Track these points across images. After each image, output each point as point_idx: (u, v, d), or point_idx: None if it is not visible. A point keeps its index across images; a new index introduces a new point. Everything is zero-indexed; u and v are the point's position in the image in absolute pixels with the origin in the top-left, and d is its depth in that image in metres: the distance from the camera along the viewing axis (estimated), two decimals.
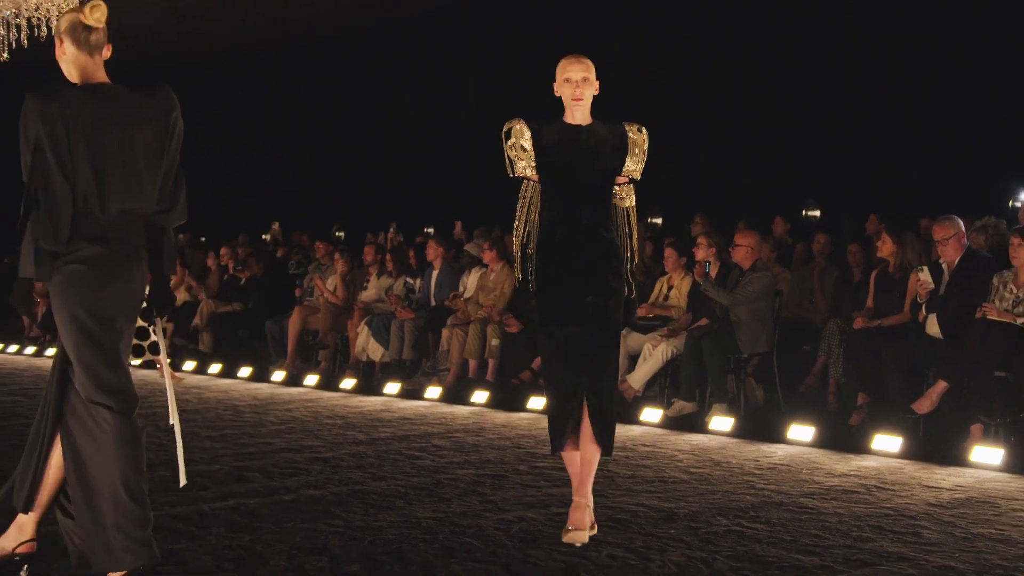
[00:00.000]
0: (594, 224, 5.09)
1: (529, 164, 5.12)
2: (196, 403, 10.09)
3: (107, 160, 4.32)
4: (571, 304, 5.06)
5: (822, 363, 9.26)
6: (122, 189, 4.37)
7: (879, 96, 12.32)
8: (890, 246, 8.98)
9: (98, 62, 4.51)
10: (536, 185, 5.16)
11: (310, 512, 5.64)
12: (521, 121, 5.15)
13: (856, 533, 5.24)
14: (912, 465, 7.04)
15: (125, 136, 4.39)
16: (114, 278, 4.35)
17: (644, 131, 5.21)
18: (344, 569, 4.61)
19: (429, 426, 8.63)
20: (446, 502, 5.89)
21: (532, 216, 5.18)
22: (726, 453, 7.47)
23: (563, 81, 5.10)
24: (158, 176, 4.50)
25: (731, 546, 4.98)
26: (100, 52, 4.51)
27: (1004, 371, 7.63)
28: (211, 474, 6.67)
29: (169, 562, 4.71)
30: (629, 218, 5.26)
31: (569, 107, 5.13)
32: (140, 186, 4.44)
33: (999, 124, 11.25)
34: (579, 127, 5.14)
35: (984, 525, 5.44)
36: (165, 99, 4.60)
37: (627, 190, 5.26)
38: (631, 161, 5.16)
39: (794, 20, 12.84)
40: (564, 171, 5.10)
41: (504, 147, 5.15)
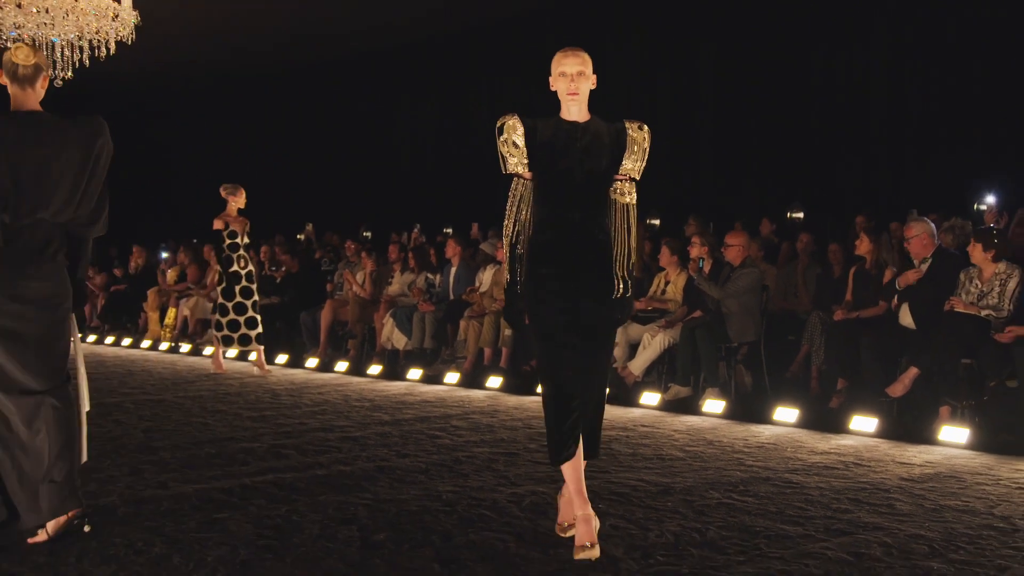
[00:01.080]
0: (586, 224, 4.50)
1: (521, 161, 4.50)
2: (238, 387, 10.11)
3: (24, 175, 4.52)
4: (562, 309, 4.49)
5: (805, 351, 9.26)
6: (34, 201, 4.56)
7: (857, 110, 12.32)
8: (867, 244, 9.05)
9: (29, 93, 4.76)
10: (527, 183, 4.55)
11: (341, 486, 5.66)
12: (515, 116, 4.53)
13: (836, 505, 5.24)
14: (886, 444, 7.03)
15: (43, 157, 4.60)
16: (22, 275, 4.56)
17: (645, 129, 4.59)
18: (372, 538, 4.63)
19: (448, 408, 8.64)
20: (464, 477, 5.90)
21: (523, 215, 4.57)
22: (718, 433, 7.46)
23: (558, 75, 4.49)
24: (77, 192, 4.67)
25: (722, 517, 4.99)
26: (32, 85, 4.77)
27: (969, 359, 7.64)
28: (252, 451, 6.69)
29: (214, 530, 4.76)
30: (628, 215, 4.62)
31: (565, 102, 4.51)
32: (52, 199, 4.60)
33: (965, 136, 11.24)
34: (575, 123, 4.52)
35: (951, 497, 5.43)
36: (90, 127, 4.79)
37: (628, 186, 4.63)
38: (629, 160, 4.56)
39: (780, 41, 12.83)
40: (556, 169, 4.47)
41: (497, 143, 4.54)
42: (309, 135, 19.70)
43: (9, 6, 10.60)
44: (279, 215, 18.26)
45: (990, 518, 5.02)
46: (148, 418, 8.12)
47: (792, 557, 4.33)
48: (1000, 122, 10.93)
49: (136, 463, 6.31)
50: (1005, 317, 7.68)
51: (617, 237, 4.60)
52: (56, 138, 4.69)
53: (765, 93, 12.99)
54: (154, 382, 10.63)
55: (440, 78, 17.72)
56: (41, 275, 4.63)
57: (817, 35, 12.60)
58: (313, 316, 13.27)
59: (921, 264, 8.33)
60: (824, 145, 12.59)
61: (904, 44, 11.83)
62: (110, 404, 8.92)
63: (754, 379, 9.20)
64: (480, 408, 8.65)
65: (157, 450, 6.75)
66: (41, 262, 4.63)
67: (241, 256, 11.16)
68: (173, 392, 9.78)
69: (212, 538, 4.62)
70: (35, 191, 4.56)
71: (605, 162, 4.52)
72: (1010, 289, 7.77)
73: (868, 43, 12.15)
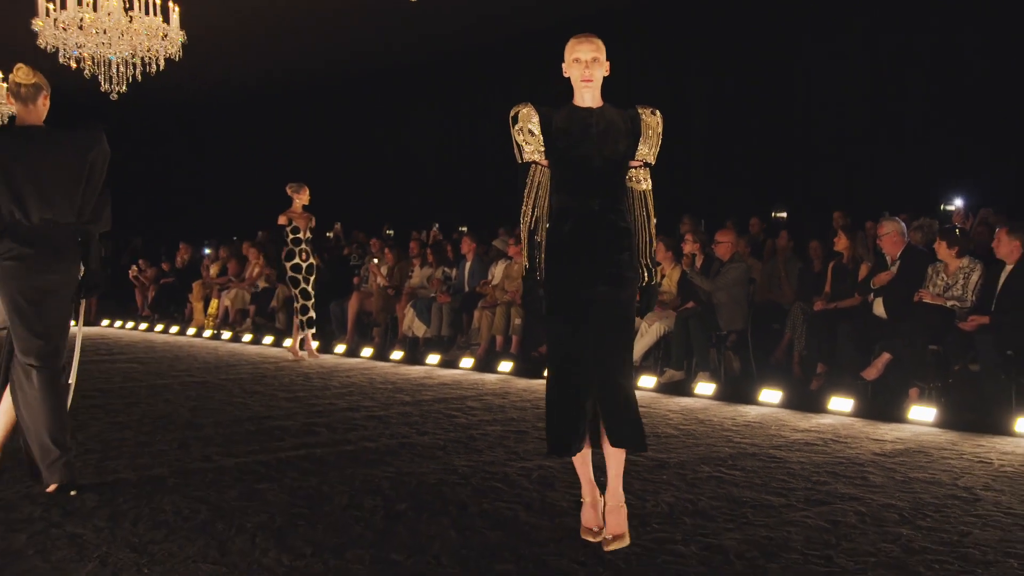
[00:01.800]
0: (605, 211, 4.07)
1: (538, 148, 4.10)
2: (274, 371, 10.13)
3: (23, 184, 4.75)
4: (581, 296, 4.07)
5: (788, 339, 9.24)
6: (39, 204, 4.79)
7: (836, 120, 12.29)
8: (844, 241, 9.04)
9: (31, 109, 4.97)
10: (545, 170, 4.15)
11: (367, 460, 5.67)
12: (529, 105, 4.14)
13: (815, 478, 5.24)
14: (861, 422, 7.02)
15: (40, 166, 4.80)
16: (39, 270, 4.82)
17: (658, 114, 4.20)
18: (394, 507, 4.64)
19: (463, 391, 8.65)
20: (478, 453, 5.91)
21: (541, 202, 4.16)
22: (708, 413, 7.46)
23: (572, 61, 4.08)
24: (76, 195, 4.90)
25: (712, 489, 4.99)
26: (33, 102, 4.96)
27: (936, 345, 7.64)
28: (286, 428, 6.71)
29: (253, 499, 4.78)
30: (646, 202, 4.24)
31: (578, 89, 4.10)
32: (55, 202, 4.84)
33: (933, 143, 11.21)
34: (589, 110, 4.10)
35: (919, 470, 5.43)
36: (85, 139, 5.00)
37: (643, 173, 4.23)
38: (644, 145, 4.15)
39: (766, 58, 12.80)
40: (574, 156, 4.07)
41: (512, 132, 4.14)
42: (338, 143, 19.71)
43: (72, 28, 10.66)
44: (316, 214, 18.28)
45: (954, 489, 5.02)
46: (194, 398, 8.16)
47: (775, 525, 4.33)
48: (966, 131, 10.91)
49: (183, 438, 6.35)
50: (968, 307, 7.70)
51: (637, 224, 4.22)
52: (53, 149, 4.90)
53: (753, 103, 12.97)
54: (199, 365, 10.66)
55: (454, 93, 17.71)
56: (60, 270, 4.92)
57: (800, 52, 12.57)
58: (341, 306, 13.29)
59: (892, 264, 8.36)
60: (806, 151, 12.58)
61: (879, 60, 11.80)
62: (160, 385, 8.96)
63: (741, 364, 9.19)
64: (492, 390, 8.66)
65: (202, 427, 6.79)
66: (61, 259, 4.92)
67: (303, 249, 10.99)
68: (215, 375, 9.81)
69: (251, 506, 4.65)
70: (39, 196, 4.80)
71: (622, 147, 4.12)
72: (973, 282, 7.79)
73: (846, 59, 12.12)
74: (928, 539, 4.14)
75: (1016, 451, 6.04)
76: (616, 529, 3.98)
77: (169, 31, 11.15)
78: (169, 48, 11.26)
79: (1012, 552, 3.99)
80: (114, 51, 11.02)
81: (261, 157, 21.60)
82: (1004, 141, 10.46)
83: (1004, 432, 6.58)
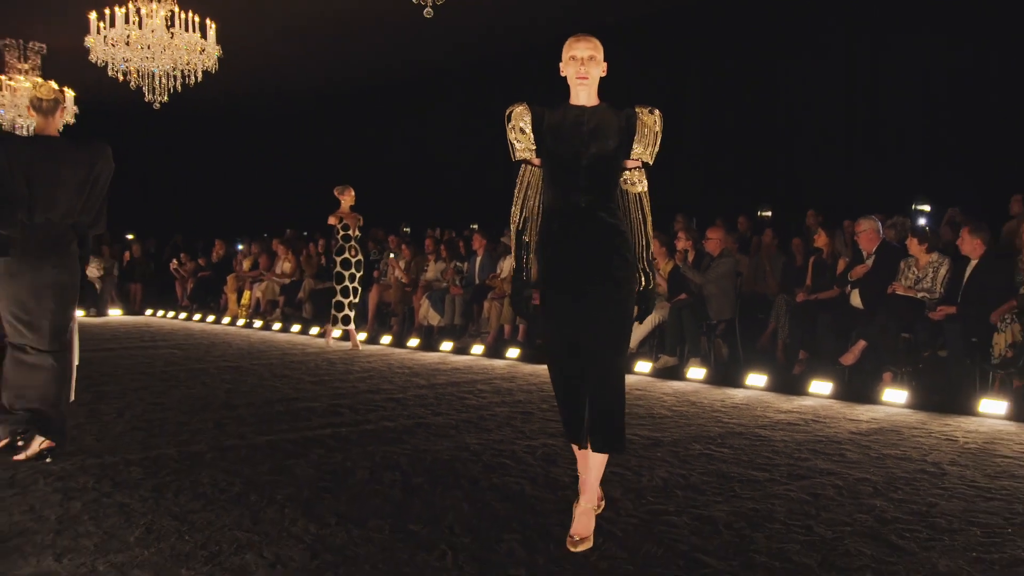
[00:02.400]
0: (593, 209, 3.69)
1: (528, 147, 3.75)
2: (301, 356, 10.16)
3: (36, 185, 4.95)
4: (570, 294, 3.71)
5: (772, 327, 9.25)
6: (45, 205, 4.99)
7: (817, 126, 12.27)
8: (824, 238, 9.06)
9: (49, 121, 5.20)
10: (536, 170, 3.81)
11: (386, 438, 5.69)
12: (523, 104, 3.79)
13: (797, 454, 5.25)
14: (839, 404, 7.03)
15: (52, 171, 5.01)
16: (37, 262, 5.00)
17: (656, 113, 3.79)
18: (411, 481, 4.65)
19: (474, 375, 8.67)
20: (487, 432, 5.92)
21: (531, 202, 3.82)
22: (699, 395, 7.47)
23: (568, 59, 3.72)
24: (80, 200, 5.09)
25: (703, 465, 5.00)
26: (52, 115, 5.19)
27: (907, 333, 7.66)
28: (313, 409, 6.72)
29: (283, 473, 4.79)
30: (641, 203, 3.85)
31: (574, 87, 3.74)
32: (58, 204, 5.02)
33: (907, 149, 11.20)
34: (582, 108, 3.73)
35: (892, 448, 5.43)
36: (92, 151, 5.18)
37: (638, 175, 3.83)
38: (639, 144, 3.75)
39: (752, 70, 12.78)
40: (563, 153, 3.69)
41: (506, 131, 3.81)
42: (359, 148, 19.71)
43: (120, 44, 10.74)
44: None
45: (923, 464, 5.03)
46: (228, 381, 8.18)
47: (761, 497, 4.34)
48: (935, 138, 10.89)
49: (219, 418, 6.37)
50: (937, 299, 7.72)
51: (633, 227, 3.83)
52: (65, 158, 5.08)
53: (740, 113, 12.96)
54: (233, 352, 10.69)
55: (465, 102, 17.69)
56: (59, 264, 5.08)
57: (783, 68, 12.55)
58: (362, 298, 13.30)
59: (868, 259, 8.37)
60: (788, 156, 12.56)
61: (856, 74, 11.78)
62: (198, 369, 8.99)
63: (730, 350, 9.19)
64: (501, 375, 8.67)
65: (236, 407, 6.81)
66: (60, 253, 5.09)
67: (352, 246, 10.77)
68: (248, 360, 9.84)
69: (281, 480, 4.67)
70: (45, 198, 4.99)
71: (612, 145, 3.71)
72: (941, 275, 7.81)
73: (825, 74, 12.10)
74: (899, 510, 4.15)
75: (979, 429, 6.05)
76: (583, 531, 3.64)
77: (206, 46, 11.21)
78: (206, 61, 11.32)
79: (975, 521, 4.00)
80: (157, 64, 11.09)
81: (289, 161, 21.62)
82: (970, 147, 10.45)
83: (968, 412, 6.61)
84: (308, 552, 3.58)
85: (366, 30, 13.97)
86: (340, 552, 3.57)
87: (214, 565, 3.43)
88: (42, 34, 13.75)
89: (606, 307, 3.67)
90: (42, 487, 4.57)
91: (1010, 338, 7.11)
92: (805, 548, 3.63)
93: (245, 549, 3.61)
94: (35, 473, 4.82)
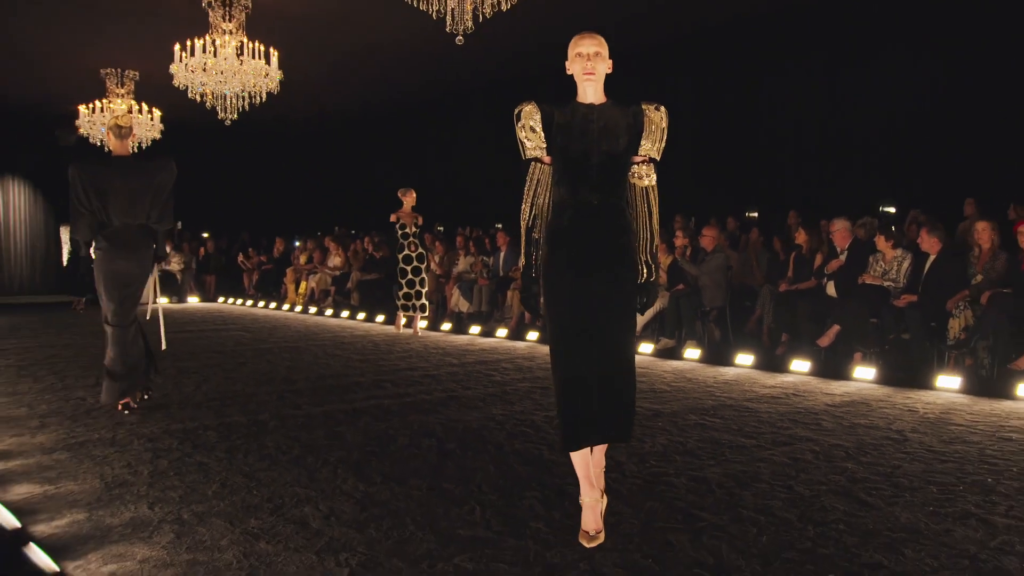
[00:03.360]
0: (605, 207, 3.32)
1: (539, 145, 3.35)
2: (350, 339, 10.21)
3: (109, 198, 5.40)
4: (579, 291, 3.29)
5: (758, 314, 9.20)
6: (120, 211, 5.44)
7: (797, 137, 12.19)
8: (803, 236, 9.00)
9: (124, 144, 5.64)
10: (545, 168, 3.41)
11: (423, 409, 5.71)
12: (532, 103, 3.38)
13: (779, 424, 5.24)
14: (816, 380, 7.01)
15: (124, 185, 5.43)
16: (116, 258, 5.47)
17: (663, 110, 3.42)
18: (445, 446, 4.68)
19: (499, 355, 8.69)
20: (511, 404, 5.94)
21: (540, 199, 3.41)
22: (695, 373, 7.47)
23: (575, 57, 3.31)
24: (147, 206, 5.52)
25: (698, 433, 5.00)
26: (126, 139, 5.64)
27: (875, 318, 7.62)
28: (360, 384, 6.75)
29: (335, 439, 4.83)
30: (648, 197, 3.48)
31: (581, 84, 3.33)
32: (131, 211, 5.47)
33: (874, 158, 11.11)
34: (591, 106, 3.33)
35: (862, 418, 5.42)
36: (155, 165, 5.62)
37: (646, 169, 3.44)
38: (647, 141, 3.37)
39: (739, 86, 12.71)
40: (574, 151, 3.30)
41: (515, 130, 3.39)
42: (400, 159, 19.75)
43: (198, 70, 10.86)
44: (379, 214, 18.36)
45: (888, 432, 5.01)
46: (288, 359, 8.24)
47: (748, 461, 4.34)
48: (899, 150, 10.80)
49: (281, 391, 6.43)
50: (900, 288, 7.68)
51: (639, 221, 3.46)
52: (133, 173, 5.50)
53: (730, 126, 12.89)
54: (291, 334, 10.76)
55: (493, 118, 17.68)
56: (134, 259, 5.54)
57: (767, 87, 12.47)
58: None
59: (841, 254, 8.34)
60: (772, 164, 12.48)
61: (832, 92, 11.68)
62: (263, 349, 9.06)
63: (721, 334, 9.17)
64: (522, 355, 8.69)
65: (295, 382, 6.86)
66: (135, 250, 5.54)
67: (411, 242, 10.34)
68: (305, 341, 9.90)
69: (333, 444, 4.70)
70: (119, 206, 5.44)
71: (623, 143, 3.33)
72: (904, 268, 7.78)
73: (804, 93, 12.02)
74: (867, 471, 4.14)
75: (936, 401, 6.02)
76: (596, 525, 3.25)
77: (270, 71, 11.25)
78: (270, 84, 11.37)
79: (932, 480, 3.99)
80: (228, 87, 11.16)
81: (338, 169, 21.67)
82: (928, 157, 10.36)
83: (927, 387, 6.58)
84: (357, 506, 3.61)
85: (404, 57, 13.99)
86: (384, 506, 3.61)
87: (278, 516, 3.47)
88: (136, 63, 13.93)
89: (611, 301, 3.28)
90: (136, 447, 4.64)
91: (963, 323, 7.10)
92: (786, 504, 3.63)
93: (304, 503, 3.65)
94: (131, 435, 4.91)
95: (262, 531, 3.29)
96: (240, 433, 4.97)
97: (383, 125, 20.07)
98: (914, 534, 3.27)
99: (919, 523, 3.40)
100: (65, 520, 3.43)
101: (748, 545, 3.15)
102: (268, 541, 3.18)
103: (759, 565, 2.96)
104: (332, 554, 3.05)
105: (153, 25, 11.79)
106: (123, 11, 11.34)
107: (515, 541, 3.19)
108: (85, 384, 6.74)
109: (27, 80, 15.16)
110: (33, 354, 8.67)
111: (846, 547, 3.13)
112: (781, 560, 3.00)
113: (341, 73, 15.30)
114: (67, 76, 14.69)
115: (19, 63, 14.02)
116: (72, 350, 9.04)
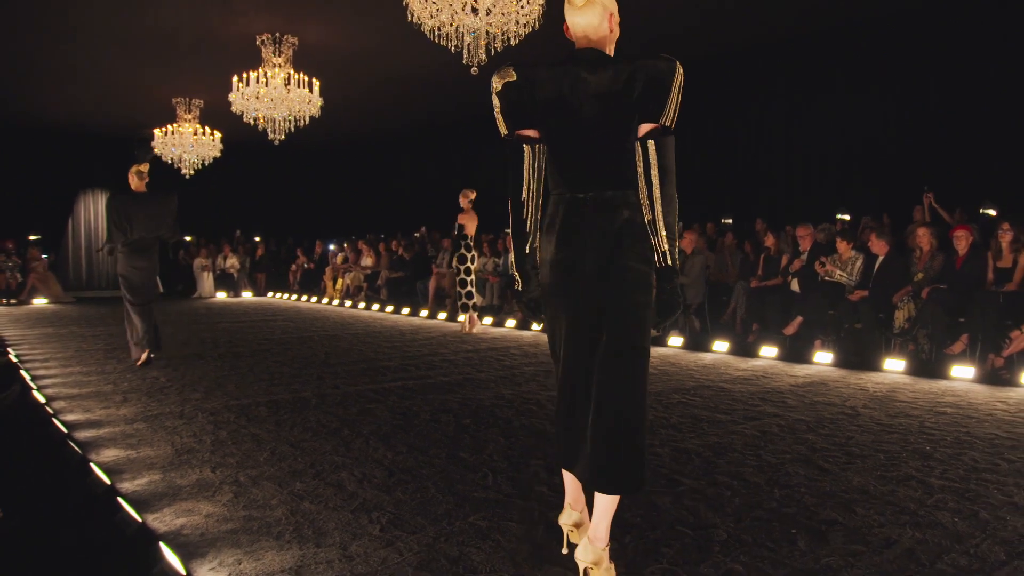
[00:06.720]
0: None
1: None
2: (380, 328, 10.22)
3: (133, 220, 6.52)
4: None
5: (733, 307, 9.20)
6: (140, 228, 6.54)
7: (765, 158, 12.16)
8: (771, 239, 8.98)
9: (141, 183, 6.73)
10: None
11: (441, 389, 5.71)
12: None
13: (750, 402, 5.24)
14: (782, 364, 6.99)
15: (143, 211, 6.56)
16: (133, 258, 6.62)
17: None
18: (461, 422, 4.67)
19: (509, 342, 8.69)
20: (519, 385, 5.93)
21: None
22: (678, 358, 7.46)
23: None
24: (156, 225, 6.59)
25: (680, 410, 5.00)
26: (144, 180, 6.75)
27: (833, 310, 7.61)
28: (388, 367, 6.76)
29: (367, 414, 4.83)
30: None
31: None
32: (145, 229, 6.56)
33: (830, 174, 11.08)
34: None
35: (821, 396, 5.41)
36: (161, 199, 6.69)
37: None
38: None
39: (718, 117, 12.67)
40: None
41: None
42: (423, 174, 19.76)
43: (251, 98, 11.06)
44: (405, 220, 18.39)
45: (843, 408, 5.01)
46: (327, 346, 8.25)
47: (723, 434, 4.35)
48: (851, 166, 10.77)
49: (320, 373, 6.44)
50: (854, 284, 7.65)
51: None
52: (145, 204, 6.60)
53: (710, 145, 12.87)
54: (330, 325, 10.78)
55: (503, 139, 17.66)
56: (146, 259, 6.66)
57: (739, 116, 12.43)
58: (424, 284, 13.36)
59: (803, 255, 8.33)
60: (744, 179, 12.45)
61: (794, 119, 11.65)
62: (304, 337, 9.08)
63: (700, 324, 9.16)
64: (529, 342, 8.69)
65: (333, 365, 6.88)
66: (146, 254, 6.66)
67: (465, 244, 9.60)
68: (341, 331, 9.92)
69: (365, 419, 4.71)
70: (137, 225, 6.53)
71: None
72: (857, 267, 7.76)
73: (771, 120, 11.99)
74: (826, 442, 4.14)
75: (884, 382, 6.01)
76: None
77: (312, 98, 11.30)
78: (312, 110, 11.41)
79: (881, 449, 3.99)
80: (277, 112, 11.23)
81: (370, 182, 21.69)
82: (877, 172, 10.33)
83: (876, 369, 6.57)
84: (386, 472, 3.63)
85: (428, 84, 13.99)
86: (409, 472, 3.62)
87: (319, 480, 3.50)
88: (201, 92, 14.07)
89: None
90: (200, 419, 4.67)
91: (907, 314, 7.10)
92: (756, 470, 3.63)
93: (341, 469, 3.67)
94: (196, 410, 4.93)
95: (306, 493, 3.31)
96: (286, 409, 4.99)
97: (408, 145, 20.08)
98: (864, 495, 3.28)
99: (868, 485, 3.41)
100: (144, 480, 3.46)
101: (723, 505, 3.15)
102: (311, 501, 3.20)
103: (732, 523, 2.96)
104: (365, 512, 3.07)
105: (215, 60, 11.87)
106: (191, 49, 11.44)
107: (522, 502, 3.20)
108: (158, 365, 6.79)
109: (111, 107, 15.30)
110: (117, 339, 8.72)
111: (807, 506, 3.13)
112: (751, 519, 3.01)
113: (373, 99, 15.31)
114: (143, 104, 14.84)
115: (104, 93, 14.21)
116: None
